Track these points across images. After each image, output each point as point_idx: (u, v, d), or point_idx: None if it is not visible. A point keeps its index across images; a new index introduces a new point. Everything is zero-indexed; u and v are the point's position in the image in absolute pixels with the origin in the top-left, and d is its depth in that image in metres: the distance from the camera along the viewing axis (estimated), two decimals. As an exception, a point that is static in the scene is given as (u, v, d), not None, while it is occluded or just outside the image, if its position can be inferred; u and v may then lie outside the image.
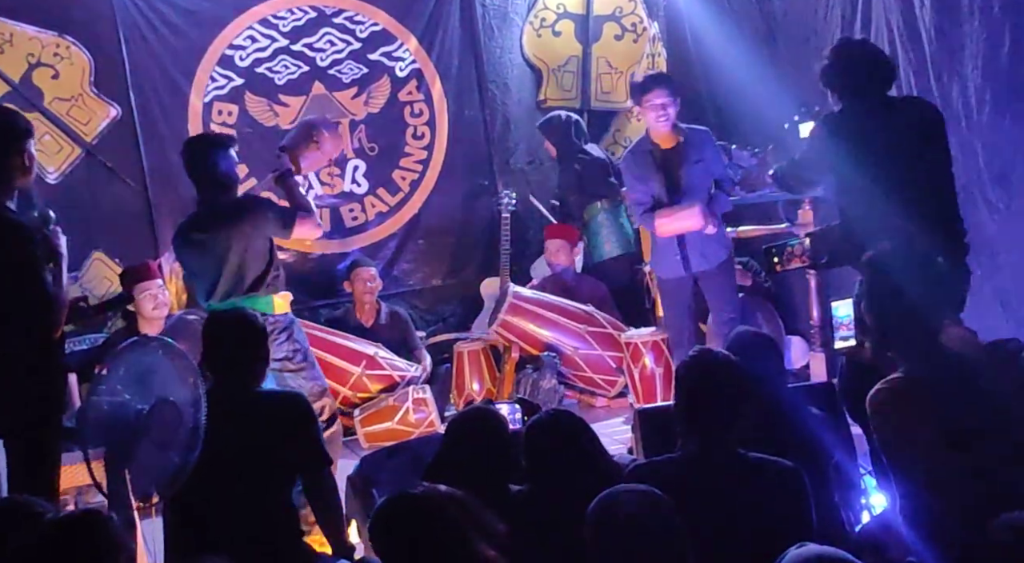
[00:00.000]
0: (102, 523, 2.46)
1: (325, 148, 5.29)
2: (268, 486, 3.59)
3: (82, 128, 6.73)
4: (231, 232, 4.75)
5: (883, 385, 3.03)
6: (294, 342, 4.85)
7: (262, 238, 4.83)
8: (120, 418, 3.40)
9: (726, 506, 2.82)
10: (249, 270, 4.77)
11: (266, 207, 4.98)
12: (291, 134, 5.41)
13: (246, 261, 4.76)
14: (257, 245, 4.79)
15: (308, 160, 5.26)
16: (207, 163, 4.86)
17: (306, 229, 4.98)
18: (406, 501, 2.63)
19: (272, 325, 4.66)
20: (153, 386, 3.43)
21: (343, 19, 7.44)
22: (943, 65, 5.26)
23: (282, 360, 4.77)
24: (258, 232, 4.80)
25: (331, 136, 5.35)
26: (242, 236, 4.75)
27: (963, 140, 5.09)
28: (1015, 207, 5.00)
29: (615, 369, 6.54)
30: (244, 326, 3.79)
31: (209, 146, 4.94)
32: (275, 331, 4.70)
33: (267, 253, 4.84)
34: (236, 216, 4.79)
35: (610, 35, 8.13)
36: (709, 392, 2.99)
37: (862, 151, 4.07)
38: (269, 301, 4.79)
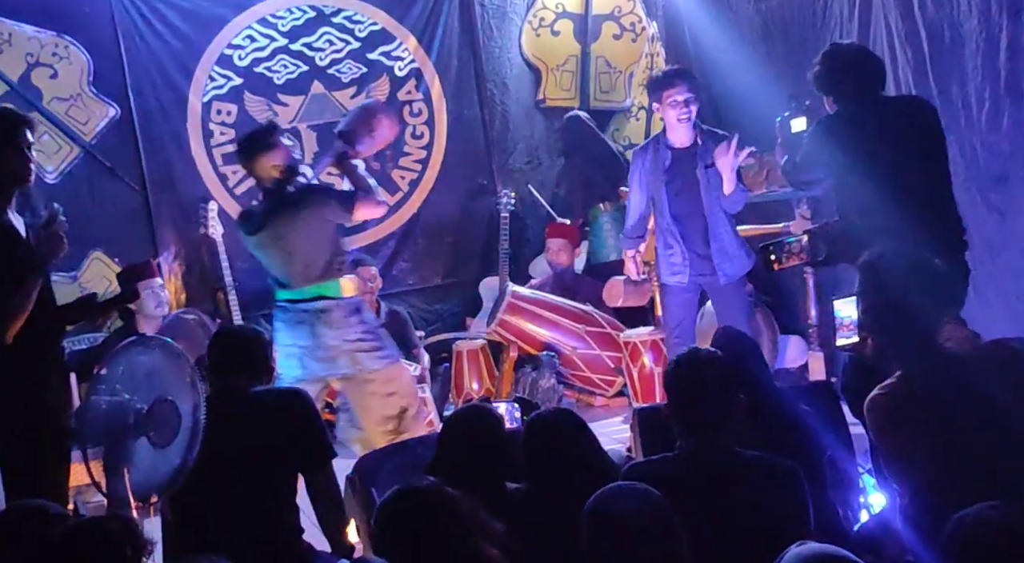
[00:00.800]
0: (128, 527, 2.47)
1: (381, 132, 5.36)
2: (269, 485, 3.59)
3: (81, 128, 6.73)
4: (293, 222, 4.85)
5: (880, 391, 3.03)
6: (364, 323, 4.98)
7: (324, 224, 4.92)
8: (119, 418, 3.40)
9: (722, 505, 2.82)
10: (317, 257, 4.88)
11: (325, 194, 5.05)
12: (347, 118, 5.48)
13: (311, 249, 4.88)
14: (321, 231, 4.89)
15: (364, 144, 5.32)
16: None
17: (367, 210, 5.07)
18: (412, 495, 2.63)
19: (342, 309, 4.87)
20: (152, 386, 3.43)
21: (342, 19, 7.44)
22: (942, 65, 5.25)
23: (355, 342, 4.91)
24: (319, 219, 4.88)
25: (387, 120, 5.41)
26: (303, 225, 4.84)
27: (962, 140, 5.09)
28: (1014, 207, 5.00)
29: (613, 369, 6.54)
30: (249, 340, 3.85)
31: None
32: (345, 314, 4.89)
33: (332, 237, 4.96)
34: (295, 206, 4.87)
35: (609, 34, 8.13)
36: (699, 390, 2.99)
37: (859, 152, 4.08)
38: (337, 285, 4.92)
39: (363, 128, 5.30)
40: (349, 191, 5.11)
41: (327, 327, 4.90)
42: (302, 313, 4.94)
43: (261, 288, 7.07)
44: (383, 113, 5.45)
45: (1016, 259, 5.01)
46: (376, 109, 5.50)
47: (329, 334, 4.91)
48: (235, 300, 6.57)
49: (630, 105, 8.26)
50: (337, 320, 4.91)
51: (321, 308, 4.91)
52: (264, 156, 4.93)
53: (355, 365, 4.93)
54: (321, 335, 4.90)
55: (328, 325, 4.90)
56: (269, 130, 5.08)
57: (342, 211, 4.95)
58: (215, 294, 6.79)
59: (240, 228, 5.08)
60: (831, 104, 4.31)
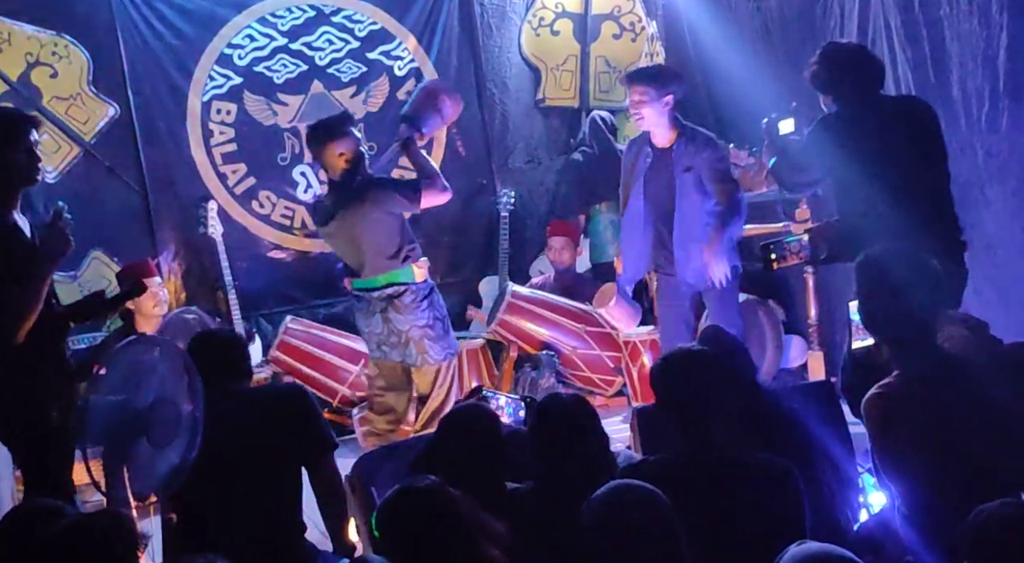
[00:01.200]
0: (121, 523, 2.47)
1: (446, 112, 5.44)
2: (271, 483, 3.59)
3: (80, 127, 6.72)
4: (357, 214, 5.02)
5: (878, 390, 3.03)
6: (435, 309, 5.14)
7: (390, 215, 5.05)
8: (118, 417, 3.40)
9: (718, 505, 2.82)
10: (385, 246, 5.03)
11: (389, 187, 5.13)
12: (411, 101, 5.55)
13: (379, 239, 5.04)
14: (386, 222, 5.04)
15: (429, 125, 5.40)
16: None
17: (432, 197, 5.17)
18: (413, 494, 2.62)
19: (414, 294, 5.04)
20: (151, 385, 3.43)
21: (342, 18, 7.44)
22: (941, 64, 5.26)
23: (424, 327, 5.10)
24: (383, 211, 5.03)
25: (451, 100, 5.46)
26: (367, 216, 5.02)
27: (962, 139, 5.10)
28: (1013, 205, 5.01)
29: (613, 368, 6.55)
30: (225, 345, 3.85)
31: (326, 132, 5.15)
32: (416, 299, 5.07)
33: (399, 228, 5.08)
34: (359, 198, 5.02)
35: (608, 34, 8.13)
36: (687, 389, 2.97)
37: (858, 152, 4.08)
38: (409, 271, 5.07)
39: (429, 109, 5.38)
40: (413, 181, 5.20)
41: (397, 312, 5.07)
42: (375, 301, 5.11)
43: (261, 287, 7.13)
44: (445, 92, 5.50)
45: (1016, 259, 5.01)
46: (439, 88, 5.57)
47: (399, 319, 5.08)
48: (235, 299, 6.58)
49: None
50: (407, 305, 5.07)
51: (391, 294, 5.06)
52: (333, 144, 5.09)
53: (420, 355, 5.12)
54: (392, 320, 5.09)
55: (398, 310, 5.08)
56: (343, 119, 5.30)
57: (407, 202, 5.08)
58: (215, 293, 6.80)
59: (312, 219, 5.21)
60: (829, 103, 4.30)
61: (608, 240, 7.25)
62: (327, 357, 6.42)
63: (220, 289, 6.69)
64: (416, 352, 5.13)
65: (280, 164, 7.29)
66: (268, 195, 7.25)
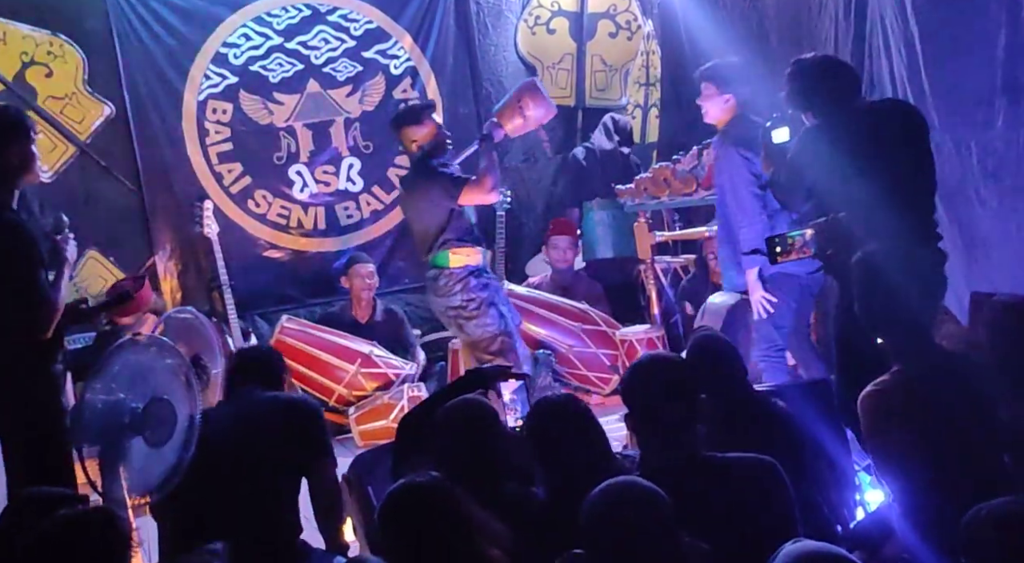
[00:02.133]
0: (114, 520, 2.46)
1: (530, 114, 5.51)
2: (270, 485, 3.59)
3: (76, 127, 6.72)
4: (409, 198, 5.47)
5: (873, 387, 3.03)
6: (468, 292, 5.28)
7: (434, 205, 5.27)
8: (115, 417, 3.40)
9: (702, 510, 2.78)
10: (428, 231, 5.30)
11: (435, 178, 5.29)
12: (505, 98, 5.70)
13: (423, 224, 5.33)
14: (431, 210, 5.28)
15: (513, 125, 5.51)
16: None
17: (473, 196, 5.31)
18: (415, 490, 2.61)
19: (447, 278, 5.26)
20: (148, 384, 3.43)
21: (337, 17, 7.44)
22: (936, 63, 5.25)
23: (456, 309, 5.30)
24: (426, 201, 5.30)
25: (534, 102, 5.51)
26: (415, 202, 5.39)
27: (957, 137, 5.09)
28: (1008, 204, 5.00)
29: (609, 367, 6.55)
30: (266, 355, 4.03)
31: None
32: (449, 282, 5.28)
33: (443, 217, 5.27)
34: (413, 183, 5.43)
35: (604, 33, 8.13)
36: (661, 396, 2.93)
37: (841, 161, 4.02)
38: (445, 256, 5.29)
39: (511, 108, 5.50)
40: (460, 176, 5.33)
41: (434, 294, 5.36)
42: (427, 283, 5.44)
43: (257, 287, 7.13)
44: (530, 94, 5.54)
45: (1010, 258, 5.01)
46: (525, 90, 5.60)
47: (434, 300, 5.40)
48: (231, 299, 6.57)
49: (626, 103, 8.27)
50: (440, 288, 5.30)
51: (431, 276, 5.33)
52: (409, 128, 5.35)
53: (459, 332, 5.42)
54: (431, 301, 5.45)
55: (435, 293, 5.35)
56: (425, 106, 5.64)
57: (444, 195, 5.24)
58: (211, 293, 6.79)
59: None
60: (810, 119, 4.27)
61: (600, 237, 7.26)
62: (323, 356, 6.41)
63: (216, 288, 6.68)
64: (456, 329, 5.44)
65: (276, 163, 7.29)
66: (264, 194, 7.25)
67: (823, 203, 4.18)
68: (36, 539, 2.38)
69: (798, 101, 4.24)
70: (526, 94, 5.51)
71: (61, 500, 2.67)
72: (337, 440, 6.44)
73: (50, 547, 2.37)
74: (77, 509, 2.49)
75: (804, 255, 4.06)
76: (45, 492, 2.85)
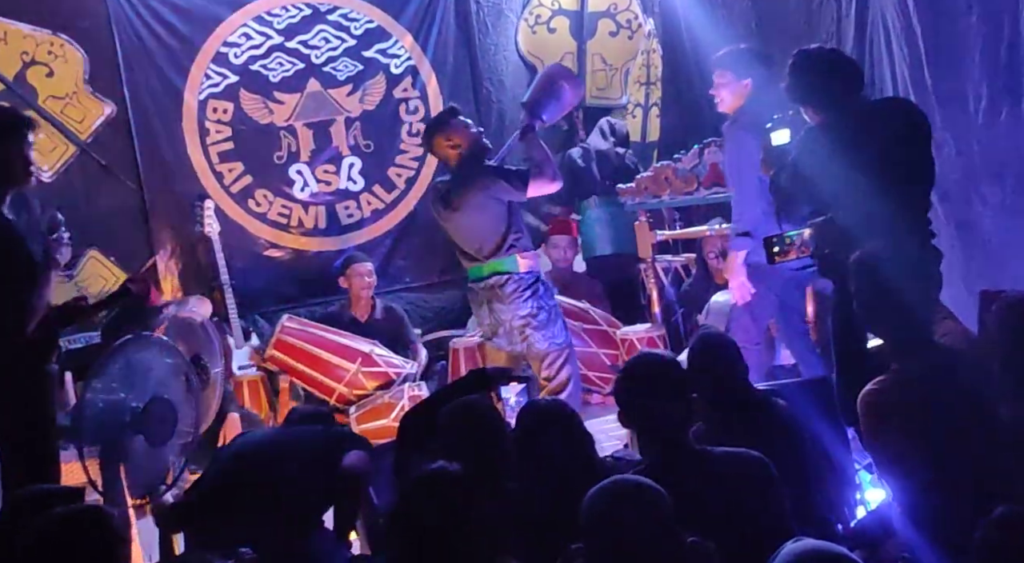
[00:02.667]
0: (105, 518, 2.46)
1: (565, 98, 5.40)
2: (298, 518, 3.55)
3: (76, 126, 6.72)
4: (466, 202, 5.08)
5: (873, 386, 3.03)
6: (538, 299, 5.11)
7: (496, 202, 5.08)
8: (115, 416, 3.41)
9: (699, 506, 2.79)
10: (490, 235, 5.09)
11: (494, 174, 5.14)
12: (531, 88, 5.54)
13: (484, 228, 5.09)
14: (492, 210, 5.08)
15: (549, 111, 5.38)
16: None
17: (540, 186, 5.19)
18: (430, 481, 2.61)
19: (516, 283, 5.05)
20: (148, 384, 3.44)
21: (338, 16, 7.43)
22: (939, 61, 5.25)
23: (526, 317, 5.09)
24: (488, 197, 5.07)
25: (570, 86, 5.42)
26: (473, 203, 5.08)
27: (959, 136, 5.09)
28: (1010, 203, 5.00)
29: (610, 366, 6.54)
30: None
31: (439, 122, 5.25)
32: (519, 288, 5.07)
33: (505, 216, 5.10)
34: (467, 186, 5.09)
35: (605, 31, 8.13)
36: (656, 395, 2.94)
37: (843, 159, 3.96)
38: (513, 261, 5.09)
39: (547, 95, 5.36)
40: (521, 169, 5.21)
41: (500, 302, 5.11)
42: (482, 291, 5.17)
43: (258, 286, 7.13)
44: (564, 77, 5.46)
45: (1010, 256, 5.01)
46: (556, 74, 5.51)
47: (502, 308, 5.12)
48: (232, 298, 6.57)
49: (626, 102, 8.27)
50: (509, 294, 5.09)
51: (494, 284, 5.11)
52: (439, 135, 5.17)
53: (525, 343, 5.14)
54: (496, 310, 5.14)
55: (501, 300, 5.11)
56: (449, 111, 5.37)
57: (512, 189, 5.10)
58: (211, 292, 6.79)
59: (432, 205, 5.35)
60: (810, 114, 4.19)
61: (598, 235, 7.25)
62: (324, 355, 6.40)
63: (217, 288, 6.68)
64: (520, 340, 5.15)
65: (277, 162, 7.28)
66: (265, 193, 7.25)
67: (823, 202, 4.16)
68: (31, 537, 2.38)
69: (799, 95, 4.17)
70: (560, 78, 5.42)
71: (57, 497, 2.66)
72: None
73: (45, 545, 2.37)
74: (71, 507, 2.48)
75: (802, 255, 4.04)
76: (41, 490, 2.84)
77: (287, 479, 3.47)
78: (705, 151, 6.11)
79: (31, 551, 2.37)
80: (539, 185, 5.17)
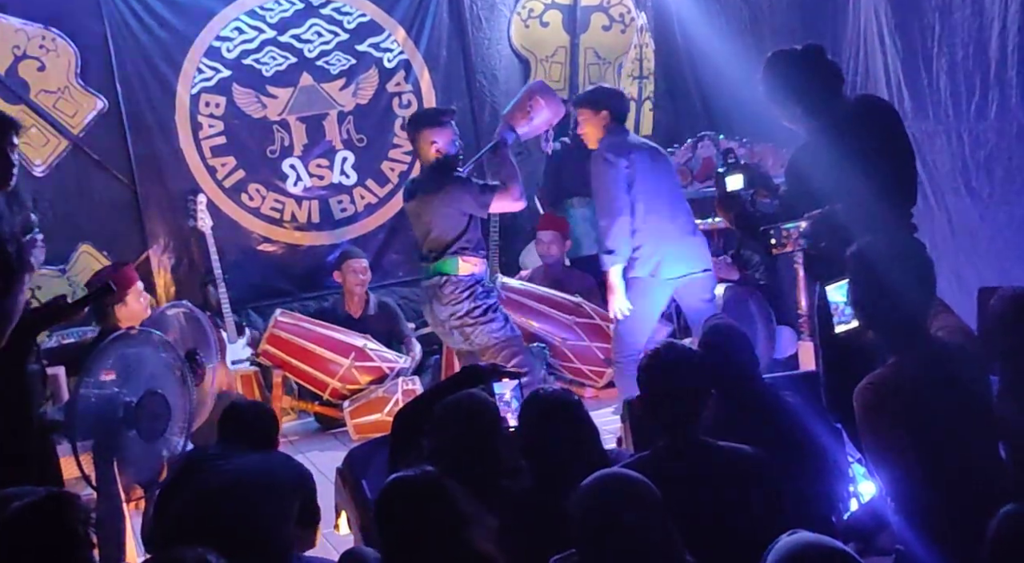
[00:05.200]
0: (65, 506, 2.43)
1: (539, 114, 5.42)
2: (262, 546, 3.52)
3: (68, 120, 6.70)
4: (429, 204, 5.19)
5: (868, 381, 3.03)
6: (475, 300, 5.18)
7: (458, 213, 5.17)
8: (109, 411, 3.40)
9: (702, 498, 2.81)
10: (442, 239, 5.17)
11: (464, 187, 5.20)
12: (512, 102, 5.59)
13: (439, 232, 5.17)
14: (452, 218, 5.16)
15: (524, 127, 5.43)
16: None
17: (504, 203, 5.28)
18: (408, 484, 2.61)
19: (454, 285, 5.15)
20: (141, 379, 3.43)
21: (330, 10, 7.42)
22: (931, 54, 5.26)
23: (462, 317, 5.18)
24: (451, 208, 5.16)
25: (544, 101, 5.42)
26: (436, 208, 5.17)
27: (949, 129, 5.11)
28: (999, 196, 5.02)
29: (603, 360, 6.55)
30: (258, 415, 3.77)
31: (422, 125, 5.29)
32: (456, 290, 5.17)
33: (463, 225, 5.19)
34: (434, 192, 5.19)
35: (598, 26, 8.12)
36: (670, 387, 2.97)
37: (835, 159, 3.89)
38: (455, 263, 5.18)
39: (519, 111, 5.41)
40: (488, 184, 5.26)
41: (438, 302, 5.21)
42: (426, 290, 5.30)
43: (251, 281, 7.12)
44: (540, 94, 5.46)
45: (999, 247, 5.02)
46: (533, 90, 5.52)
47: (439, 308, 5.22)
48: (224, 293, 6.57)
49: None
50: (447, 296, 5.18)
51: (435, 284, 5.21)
52: (428, 130, 5.21)
53: (465, 340, 5.26)
54: (435, 311, 5.25)
55: (439, 300, 5.20)
56: (443, 110, 5.54)
57: (476, 205, 5.19)
58: (204, 287, 6.79)
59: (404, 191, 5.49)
60: (797, 117, 4.05)
61: (585, 233, 7.24)
62: (317, 350, 6.41)
63: (210, 282, 6.68)
64: (461, 338, 5.28)
65: (269, 157, 7.28)
66: (258, 188, 7.24)
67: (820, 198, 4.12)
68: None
69: (782, 96, 4.02)
70: (537, 94, 5.43)
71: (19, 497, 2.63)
72: (331, 433, 6.48)
73: (9, 532, 2.35)
74: (25, 502, 2.45)
75: (799, 247, 4.02)
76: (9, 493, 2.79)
77: (262, 524, 3.39)
78: (698, 145, 6.14)
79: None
80: (503, 203, 5.25)
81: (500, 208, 5.35)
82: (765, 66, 4.01)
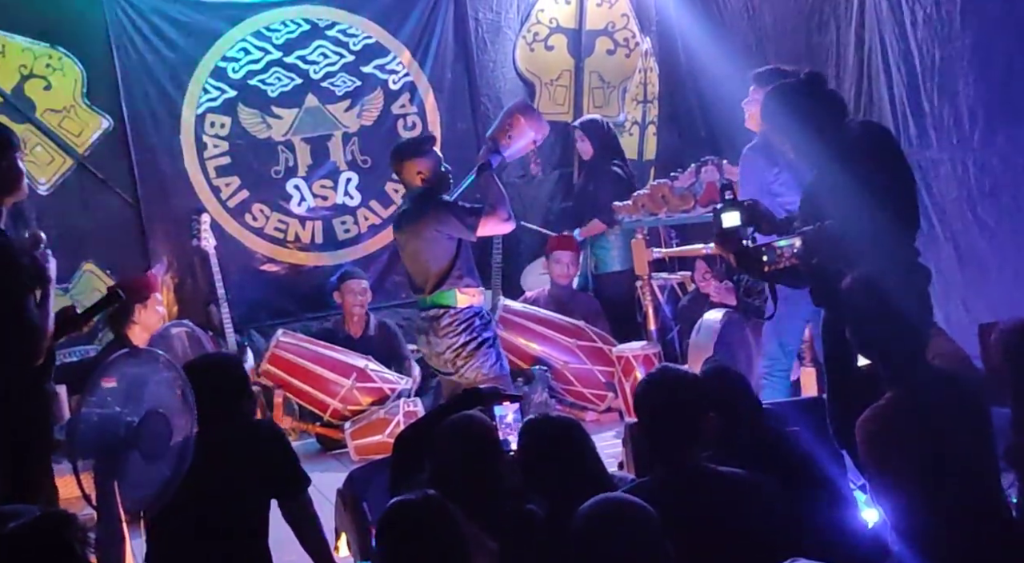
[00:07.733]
0: (60, 526, 2.42)
1: (520, 131, 5.37)
2: (244, 514, 3.55)
3: (74, 139, 6.73)
4: (416, 233, 5.13)
5: (871, 411, 3.03)
6: (471, 333, 5.13)
7: (445, 238, 5.09)
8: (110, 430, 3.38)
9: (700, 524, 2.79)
10: (434, 268, 5.10)
11: (448, 211, 5.13)
12: (494, 123, 5.55)
13: (429, 260, 5.11)
14: (441, 244, 5.09)
15: (505, 147, 5.38)
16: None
17: (491, 226, 5.23)
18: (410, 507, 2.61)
19: (452, 317, 5.09)
20: (143, 398, 3.42)
21: (336, 32, 7.45)
22: (935, 81, 5.27)
23: (457, 348, 5.12)
24: (438, 232, 5.08)
25: (528, 121, 5.39)
26: (423, 235, 5.10)
27: (954, 157, 5.10)
28: (1006, 224, 5.01)
29: (605, 383, 6.55)
30: (218, 373, 3.77)
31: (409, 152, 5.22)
32: (454, 323, 5.10)
33: (452, 252, 5.11)
34: (419, 218, 5.12)
35: (603, 50, 8.15)
36: (669, 411, 2.95)
37: (837, 186, 3.88)
38: (453, 295, 5.12)
39: (501, 132, 5.37)
40: (474, 207, 5.20)
41: (434, 334, 5.15)
42: (421, 321, 5.24)
43: (254, 300, 7.13)
44: (521, 113, 5.43)
45: (1008, 276, 5.01)
46: (514, 109, 5.48)
47: (436, 341, 5.16)
48: (228, 312, 6.57)
49: (624, 120, 8.27)
50: (444, 328, 5.12)
51: (432, 316, 5.15)
52: (412, 161, 5.14)
53: (457, 372, 5.18)
54: (431, 343, 5.19)
55: (436, 333, 5.14)
56: (424, 139, 5.49)
57: (464, 228, 5.11)
58: (207, 306, 6.79)
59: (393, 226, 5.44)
60: (800, 147, 4.04)
61: (612, 252, 7.20)
62: (319, 371, 6.40)
63: (213, 302, 6.68)
64: (453, 369, 5.19)
65: (274, 177, 7.29)
66: (261, 208, 7.26)
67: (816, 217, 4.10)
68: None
69: (783, 124, 3.96)
70: (518, 113, 5.40)
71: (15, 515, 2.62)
72: (332, 454, 6.46)
73: (6, 551, 2.34)
74: (22, 520, 2.44)
75: (792, 265, 4.00)
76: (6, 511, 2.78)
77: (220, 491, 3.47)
78: (702, 170, 6.11)
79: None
80: (491, 225, 5.19)
81: (488, 231, 5.28)
82: (768, 98, 4.01)
